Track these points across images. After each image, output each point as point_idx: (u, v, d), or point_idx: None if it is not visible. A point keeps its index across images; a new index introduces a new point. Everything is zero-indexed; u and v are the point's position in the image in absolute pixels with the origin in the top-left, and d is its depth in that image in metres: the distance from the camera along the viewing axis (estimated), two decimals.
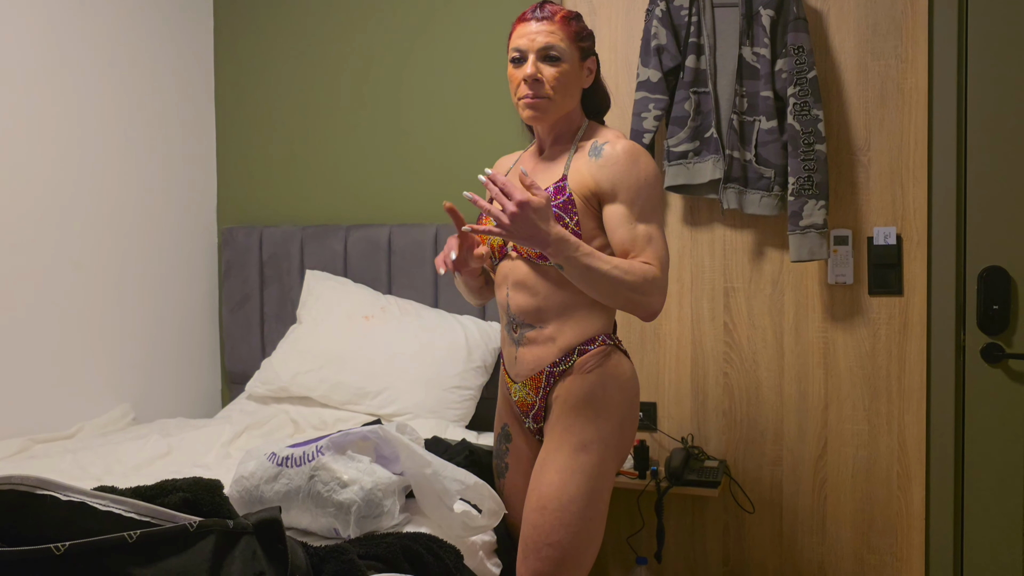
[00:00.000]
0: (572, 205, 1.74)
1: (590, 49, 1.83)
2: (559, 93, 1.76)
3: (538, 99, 1.76)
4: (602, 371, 1.78)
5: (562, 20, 1.77)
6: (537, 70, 1.75)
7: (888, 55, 2.44)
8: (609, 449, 1.76)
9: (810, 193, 2.37)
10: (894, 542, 2.48)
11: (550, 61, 1.75)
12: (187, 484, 1.38)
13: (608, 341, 1.81)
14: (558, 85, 1.76)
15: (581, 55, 1.80)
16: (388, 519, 1.72)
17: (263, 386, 2.80)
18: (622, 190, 1.72)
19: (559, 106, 1.78)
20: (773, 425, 2.58)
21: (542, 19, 1.76)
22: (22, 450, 2.37)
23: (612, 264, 1.64)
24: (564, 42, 1.76)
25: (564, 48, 1.76)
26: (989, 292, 2.38)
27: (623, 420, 1.80)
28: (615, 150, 1.74)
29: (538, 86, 1.75)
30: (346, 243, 2.99)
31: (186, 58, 3.13)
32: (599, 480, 1.74)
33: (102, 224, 2.79)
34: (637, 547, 2.69)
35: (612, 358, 1.80)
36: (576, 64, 1.79)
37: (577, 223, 1.74)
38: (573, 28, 1.78)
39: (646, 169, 1.74)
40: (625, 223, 1.71)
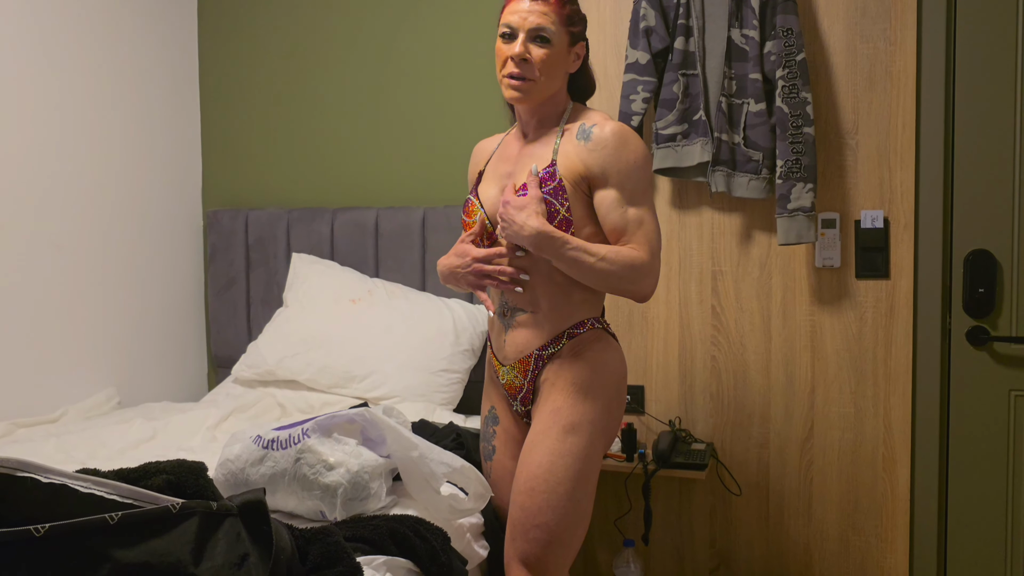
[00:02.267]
0: (563, 191, 1.74)
1: (581, 34, 1.82)
2: (545, 75, 1.75)
3: (523, 80, 1.75)
4: (591, 354, 1.78)
5: (556, 2, 1.76)
6: (526, 50, 1.74)
7: (877, 38, 2.43)
8: (597, 431, 1.77)
9: (798, 176, 2.36)
10: (879, 523, 2.50)
11: (539, 42, 1.74)
12: (171, 466, 1.37)
13: (597, 325, 1.82)
14: (544, 67, 1.75)
15: (571, 39, 1.79)
16: (375, 502, 1.72)
17: (249, 370, 2.78)
18: (612, 174, 1.71)
19: (543, 89, 1.77)
20: (760, 408, 2.59)
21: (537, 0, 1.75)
22: (5, 434, 2.35)
23: (599, 256, 1.67)
24: (555, 25, 1.75)
25: (555, 31, 1.75)
26: (975, 275, 2.39)
27: (611, 403, 1.80)
28: (604, 133, 1.73)
29: (525, 66, 1.74)
30: (333, 226, 2.97)
31: (170, 39, 3.09)
32: (587, 462, 1.75)
33: (86, 207, 2.76)
34: (624, 529, 2.70)
35: (601, 342, 1.81)
36: (565, 48, 1.78)
37: (568, 209, 1.73)
38: (566, 11, 1.77)
39: (635, 151, 1.73)
40: (616, 208, 1.71)
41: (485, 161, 1.98)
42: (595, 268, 1.67)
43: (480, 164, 2.00)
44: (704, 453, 2.48)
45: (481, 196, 1.90)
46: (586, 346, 1.79)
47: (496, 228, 1.83)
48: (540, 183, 1.74)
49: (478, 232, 1.87)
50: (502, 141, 1.97)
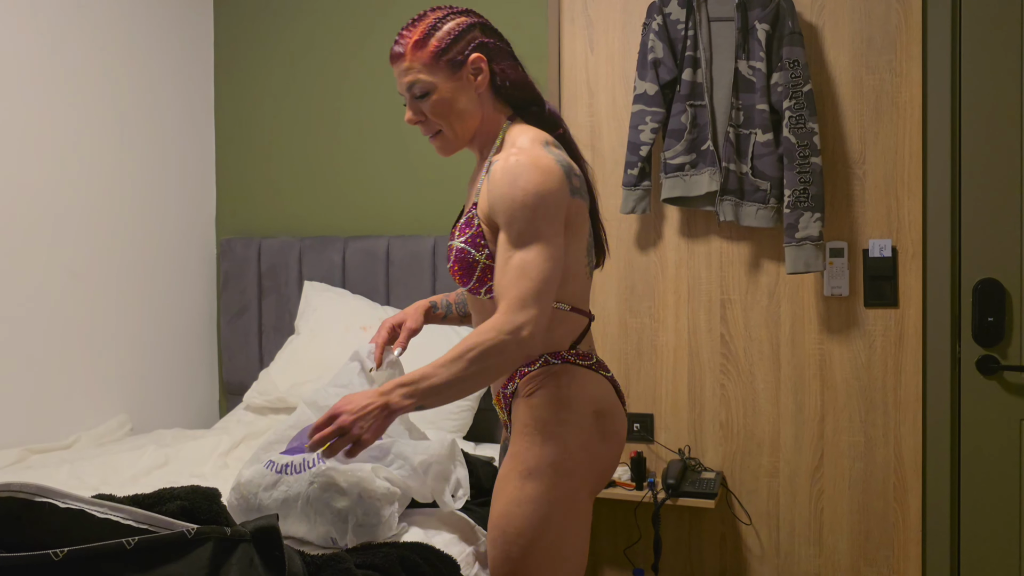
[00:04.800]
0: (481, 238, 1.57)
1: (465, 52, 1.59)
2: (446, 122, 1.61)
3: (434, 139, 1.64)
4: (544, 392, 1.58)
5: (414, 48, 1.59)
6: (413, 111, 1.62)
7: (883, 69, 2.46)
8: (562, 474, 1.55)
9: (806, 205, 2.38)
10: (891, 554, 2.48)
11: (422, 99, 1.60)
12: (185, 492, 1.38)
13: (553, 360, 1.60)
14: (438, 115, 1.60)
15: (451, 69, 1.59)
16: (386, 529, 1.73)
17: (261, 397, 2.80)
18: (502, 213, 1.50)
19: (457, 132, 1.62)
20: (770, 437, 2.59)
21: (398, 57, 1.61)
22: (19, 460, 2.37)
23: (454, 365, 1.43)
24: (424, 71, 1.58)
25: (427, 78, 1.58)
26: (984, 304, 2.39)
27: (579, 442, 1.58)
28: (495, 170, 1.53)
29: (424, 127, 1.63)
30: (344, 254, 3.00)
31: (186, 69, 3.15)
32: (553, 507, 1.54)
33: (101, 234, 2.80)
34: (634, 558, 2.69)
35: (557, 378, 1.59)
36: (449, 84, 1.59)
37: (488, 255, 1.57)
38: (428, 52, 1.58)
39: (526, 186, 1.48)
40: (503, 254, 1.50)
41: None
42: (456, 380, 1.43)
43: None
44: (714, 482, 2.48)
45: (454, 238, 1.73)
46: (540, 384, 1.59)
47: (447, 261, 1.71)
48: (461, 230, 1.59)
49: None
50: None
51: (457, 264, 1.59)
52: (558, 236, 1.50)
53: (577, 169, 1.58)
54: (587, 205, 1.59)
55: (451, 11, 1.63)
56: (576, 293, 1.61)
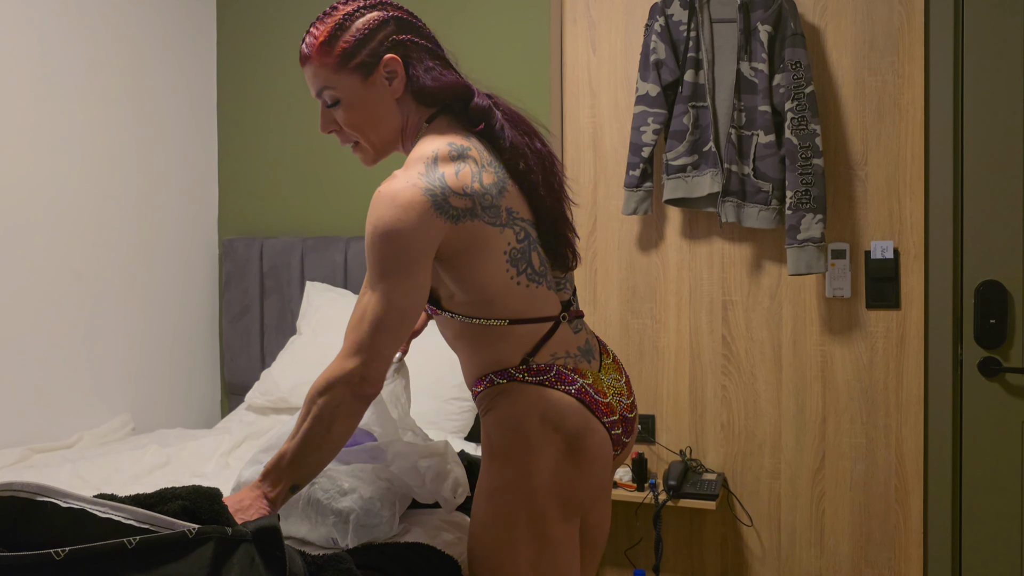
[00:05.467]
0: None
1: (372, 57, 1.43)
2: (362, 132, 1.47)
3: (355, 150, 1.50)
4: (494, 414, 1.50)
5: (319, 54, 1.43)
6: (325, 120, 1.48)
7: (885, 71, 2.46)
8: (521, 497, 1.45)
9: (808, 207, 2.38)
10: (892, 556, 2.48)
11: (333, 106, 1.46)
12: (186, 492, 1.38)
13: (498, 380, 1.50)
14: (353, 124, 1.46)
15: (364, 74, 1.43)
16: (386, 530, 1.73)
17: (263, 397, 2.80)
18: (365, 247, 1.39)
19: (377, 141, 1.48)
20: (771, 438, 2.59)
21: (305, 61, 1.45)
22: (21, 459, 2.37)
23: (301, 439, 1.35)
24: (332, 78, 1.43)
25: (335, 84, 1.43)
26: (986, 306, 2.39)
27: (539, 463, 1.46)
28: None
29: (340, 136, 1.49)
30: (346, 255, 3.00)
31: (188, 69, 3.15)
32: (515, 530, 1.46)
33: (103, 234, 2.81)
34: (635, 559, 2.69)
35: (504, 396, 1.49)
36: (359, 89, 1.44)
37: None
38: (334, 54, 1.42)
39: (376, 223, 1.34)
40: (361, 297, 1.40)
41: None
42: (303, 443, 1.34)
43: None
44: (715, 483, 2.48)
45: None
46: (490, 404, 1.52)
47: None
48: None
49: None
50: None
51: None
52: (408, 275, 1.35)
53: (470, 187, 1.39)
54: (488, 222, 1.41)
55: (364, 4, 1.45)
56: (513, 306, 1.46)
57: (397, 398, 1.84)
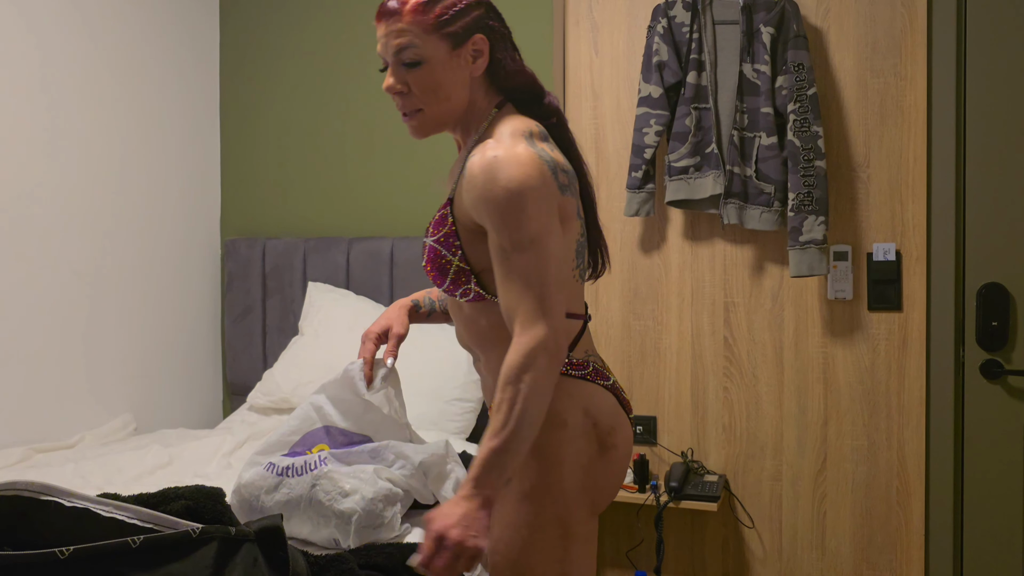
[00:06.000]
0: (455, 237, 1.44)
1: (468, 29, 1.45)
2: (431, 100, 1.45)
3: (412, 114, 1.47)
4: None
5: (414, 10, 1.42)
6: (396, 81, 1.45)
7: (887, 73, 2.46)
8: (557, 496, 1.44)
9: (810, 209, 2.38)
10: (893, 558, 2.48)
11: (409, 66, 1.43)
12: (190, 492, 1.39)
13: None
14: (425, 91, 1.44)
15: (452, 43, 1.44)
16: (388, 530, 1.73)
17: (264, 397, 2.81)
18: (485, 218, 1.36)
19: (439, 114, 1.47)
20: (773, 440, 2.59)
21: (391, 15, 1.44)
22: (23, 459, 2.38)
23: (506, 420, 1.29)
24: (420, 38, 1.42)
25: (420, 47, 1.42)
26: (988, 308, 2.39)
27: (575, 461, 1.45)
28: (474, 165, 1.37)
29: (405, 100, 1.46)
30: (348, 255, 3.00)
31: (191, 70, 3.16)
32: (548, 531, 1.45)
33: (105, 234, 2.81)
34: (636, 561, 2.69)
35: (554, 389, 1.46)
36: (444, 57, 1.43)
37: (462, 257, 1.44)
38: (431, 16, 1.42)
39: (507, 183, 1.33)
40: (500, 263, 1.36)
41: None
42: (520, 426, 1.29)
43: None
44: (717, 485, 2.48)
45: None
46: None
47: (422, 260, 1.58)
48: (434, 228, 1.47)
49: None
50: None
51: (430, 264, 1.47)
52: (553, 232, 1.35)
53: (566, 165, 1.43)
54: (577, 204, 1.44)
55: None
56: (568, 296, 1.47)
57: (390, 403, 1.81)
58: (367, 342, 1.69)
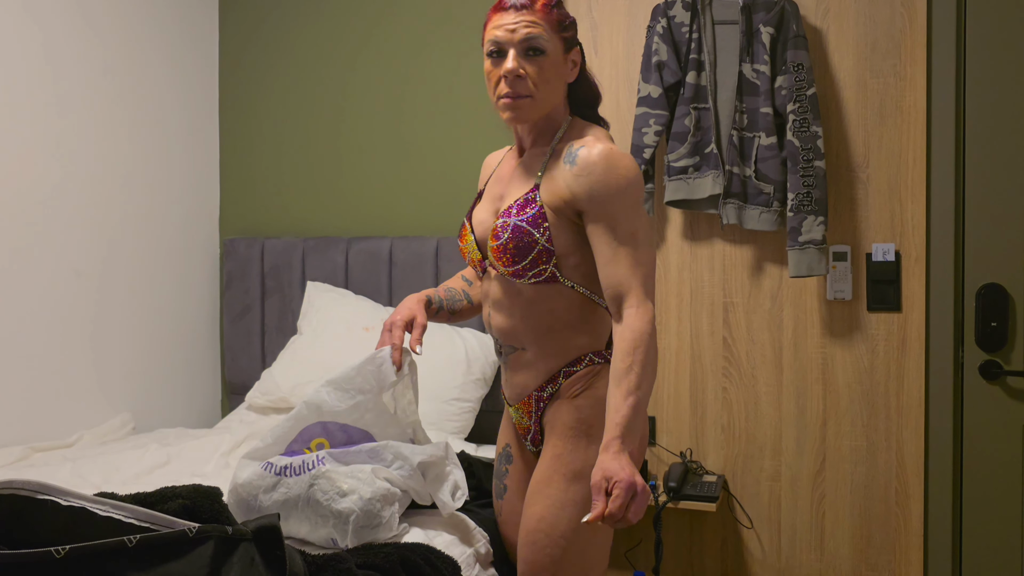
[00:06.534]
0: (543, 219, 1.58)
1: (574, 39, 1.65)
2: (542, 91, 1.59)
3: (519, 98, 1.59)
4: (591, 393, 1.63)
5: (544, 8, 1.59)
6: (519, 65, 1.57)
7: (887, 73, 2.46)
8: None
9: (809, 209, 2.38)
10: (892, 559, 2.48)
11: (532, 55, 1.58)
12: (187, 491, 1.39)
13: (597, 360, 1.66)
14: (541, 82, 1.59)
15: (565, 46, 1.62)
16: (386, 530, 1.73)
17: (263, 396, 2.81)
18: (600, 202, 1.54)
19: (542, 105, 1.62)
20: (771, 440, 2.59)
21: (522, 8, 1.58)
22: (21, 458, 2.37)
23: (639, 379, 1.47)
24: (547, 33, 1.58)
25: (547, 40, 1.58)
26: (987, 309, 2.39)
27: None
28: (591, 155, 1.55)
29: (519, 83, 1.58)
30: (347, 255, 3.00)
31: (190, 69, 3.16)
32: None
33: (104, 233, 2.81)
34: (635, 561, 2.68)
35: (602, 378, 1.64)
36: (560, 56, 1.61)
37: (549, 239, 1.58)
38: (555, 16, 1.60)
39: (625, 174, 1.55)
40: (608, 246, 1.54)
41: (486, 179, 1.86)
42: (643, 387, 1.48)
43: (483, 182, 1.88)
44: (715, 485, 2.48)
45: (474, 220, 1.77)
46: (586, 384, 1.64)
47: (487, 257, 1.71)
48: (519, 209, 1.61)
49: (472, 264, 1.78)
50: (503, 157, 1.84)
51: (513, 242, 1.59)
52: (647, 223, 1.58)
53: None
54: None
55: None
56: None
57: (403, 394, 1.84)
58: (395, 329, 1.77)
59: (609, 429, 1.46)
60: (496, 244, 1.61)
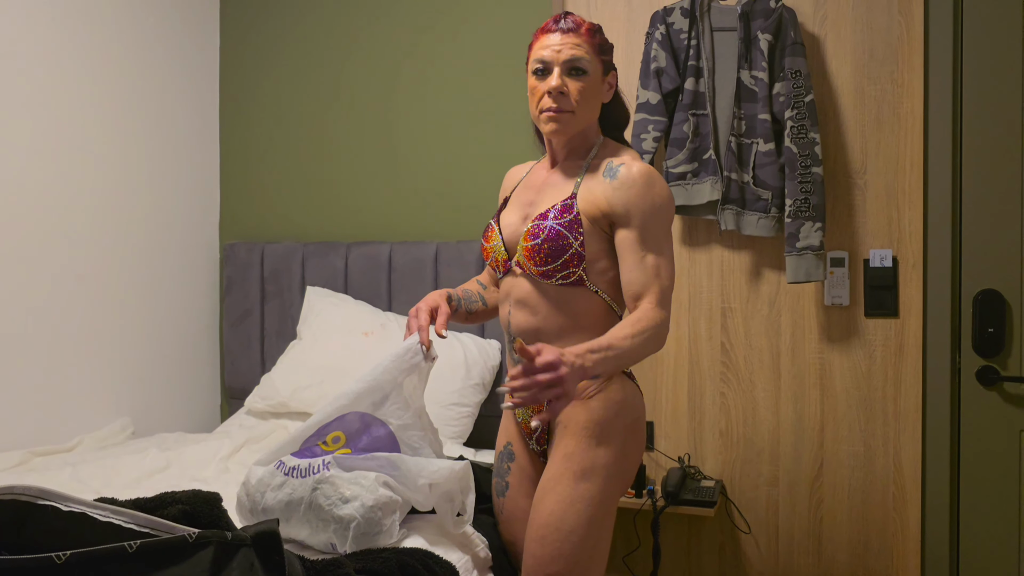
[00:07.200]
0: (579, 225, 1.71)
1: (611, 63, 1.80)
2: (582, 107, 1.74)
3: (562, 112, 1.73)
4: (604, 396, 1.72)
5: (587, 32, 1.74)
6: (563, 83, 1.72)
7: (884, 80, 2.47)
8: (611, 477, 1.70)
9: (807, 215, 2.39)
10: (890, 564, 2.49)
11: (575, 74, 1.72)
12: (186, 496, 1.39)
13: None
14: (582, 99, 1.73)
15: (604, 69, 1.78)
16: (386, 538, 1.73)
17: (262, 401, 2.81)
18: (636, 214, 1.68)
19: (580, 120, 1.76)
20: (769, 446, 2.59)
21: (568, 31, 1.73)
22: (21, 463, 2.38)
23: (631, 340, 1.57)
24: (589, 55, 1.73)
25: (589, 61, 1.73)
26: (984, 315, 2.40)
27: (626, 445, 1.74)
28: (631, 172, 1.70)
29: (563, 99, 1.72)
30: (347, 260, 3.01)
31: (191, 75, 3.17)
32: (600, 508, 1.69)
33: (105, 238, 2.81)
34: (633, 566, 2.69)
35: (614, 382, 1.74)
36: (599, 78, 1.76)
37: (582, 244, 1.71)
38: (597, 41, 1.75)
39: (661, 194, 1.70)
40: (635, 252, 1.67)
41: (512, 188, 1.96)
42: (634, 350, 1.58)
43: (507, 190, 1.99)
44: (713, 490, 2.49)
45: (502, 222, 1.87)
46: (599, 388, 1.72)
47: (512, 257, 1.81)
48: (557, 214, 1.73)
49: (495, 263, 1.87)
50: (531, 169, 1.95)
51: (548, 244, 1.71)
52: (672, 245, 1.72)
53: None
54: None
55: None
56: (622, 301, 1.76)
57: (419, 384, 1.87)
58: (420, 314, 1.86)
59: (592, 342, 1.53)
60: (531, 244, 1.73)
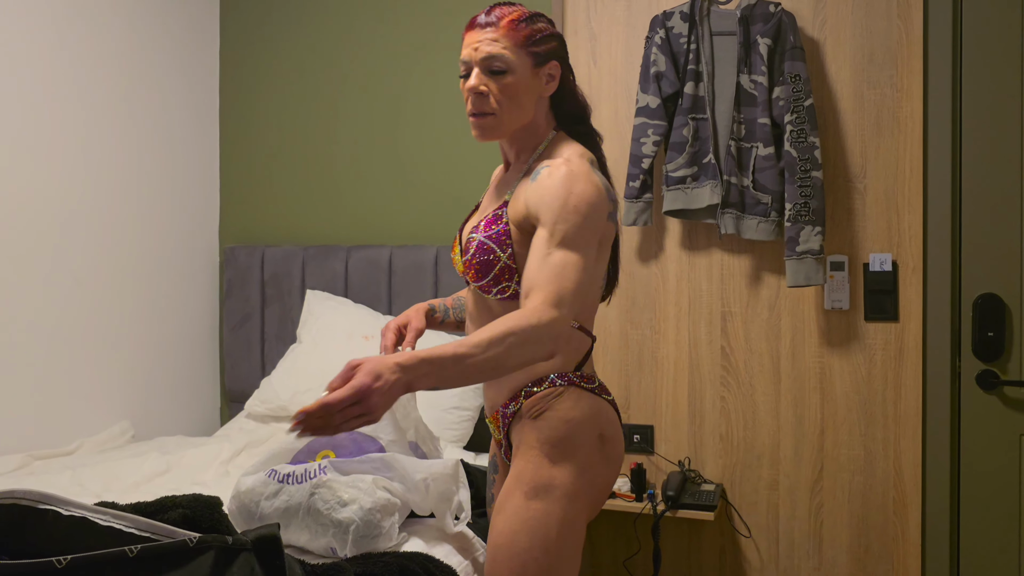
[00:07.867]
0: (507, 236, 1.57)
1: (548, 53, 1.63)
2: (506, 107, 1.59)
3: (483, 115, 1.59)
4: (552, 415, 1.58)
5: (509, 25, 1.59)
6: (480, 82, 1.58)
7: (884, 84, 2.48)
8: (572, 497, 1.55)
9: (807, 219, 2.39)
10: (890, 568, 2.49)
11: (494, 73, 1.58)
12: (187, 500, 1.39)
13: (560, 382, 1.60)
14: (504, 98, 1.58)
15: (535, 61, 1.60)
16: (386, 540, 1.73)
17: (262, 405, 2.81)
18: (546, 212, 1.49)
19: (508, 122, 1.60)
20: (770, 449, 2.59)
21: (486, 26, 1.59)
22: (22, 466, 2.38)
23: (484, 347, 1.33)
24: (510, 50, 1.58)
25: (510, 57, 1.57)
26: (984, 319, 2.40)
27: (589, 461, 1.57)
28: (552, 172, 1.53)
29: (481, 101, 1.58)
30: (347, 263, 3.01)
31: (191, 78, 3.17)
32: (558, 528, 1.54)
33: (105, 241, 2.82)
34: (633, 570, 2.69)
35: (564, 399, 1.59)
36: (527, 73, 1.59)
37: (511, 256, 1.57)
38: (523, 33, 1.59)
39: (581, 194, 1.50)
40: (540, 249, 1.47)
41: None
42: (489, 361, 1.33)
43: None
44: (713, 494, 2.49)
45: (464, 231, 1.75)
46: (548, 404, 1.59)
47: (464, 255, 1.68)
48: (486, 225, 1.60)
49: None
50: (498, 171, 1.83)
51: (476, 258, 1.58)
52: (593, 251, 1.49)
53: (615, 195, 1.59)
54: (615, 230, 1.60)
55: (542, 14, 1.66)
56: (586, 313, 1.61)
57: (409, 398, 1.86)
58: (388, 332, 1.77)
59: (432, 350, 1.31)
60: (464, 259, 1.62)
